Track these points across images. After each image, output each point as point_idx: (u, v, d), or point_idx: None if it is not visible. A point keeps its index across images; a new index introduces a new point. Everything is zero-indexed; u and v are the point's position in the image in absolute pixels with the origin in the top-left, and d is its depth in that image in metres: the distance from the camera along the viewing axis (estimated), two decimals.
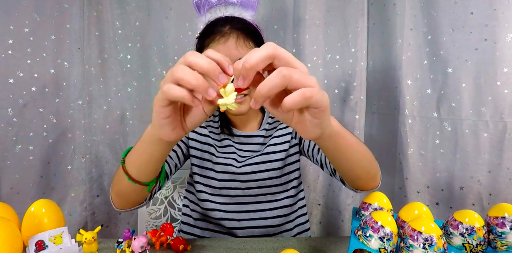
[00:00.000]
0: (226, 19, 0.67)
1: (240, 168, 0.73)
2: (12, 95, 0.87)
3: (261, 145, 0.77)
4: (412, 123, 0.91)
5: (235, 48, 0.65)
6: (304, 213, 0.82)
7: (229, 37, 0.65)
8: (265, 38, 0.72)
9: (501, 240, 0.43)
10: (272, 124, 0.80)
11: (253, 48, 0.64)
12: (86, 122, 1.03)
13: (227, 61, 0.36)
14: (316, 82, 0.32)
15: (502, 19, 0.75)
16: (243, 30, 0.66)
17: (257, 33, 0.70)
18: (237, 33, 0.65)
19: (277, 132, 0.78)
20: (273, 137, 0.77)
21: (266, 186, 0.74)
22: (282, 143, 0.76)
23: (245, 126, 0.80)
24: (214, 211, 0.75)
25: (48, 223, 0.52)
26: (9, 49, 0.86)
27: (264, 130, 0.79)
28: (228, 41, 0.65)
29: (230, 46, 0.65)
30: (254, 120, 0.81)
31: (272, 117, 0.83)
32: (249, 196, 0.75)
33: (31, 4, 0.89)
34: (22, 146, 0.90)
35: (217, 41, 0.66)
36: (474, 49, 0.79)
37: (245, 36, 0.66)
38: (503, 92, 0.77)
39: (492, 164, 0.80)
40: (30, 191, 0.91)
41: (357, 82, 1.01)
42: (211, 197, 0.76)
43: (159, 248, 0.56)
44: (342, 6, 1.01)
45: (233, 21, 0.67)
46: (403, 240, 0.42)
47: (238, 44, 0.65)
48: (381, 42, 0.97)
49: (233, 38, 0.65)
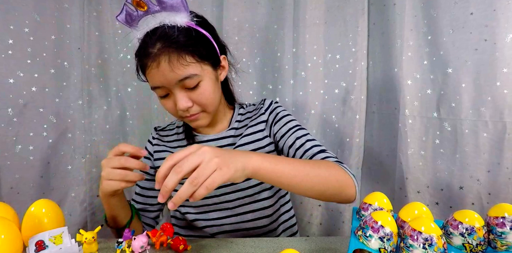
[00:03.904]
0: (154, 32, 0.61)
1: None
2: (12, 95, 0.87)
3: (230, 146, 0.74)
4: (412, 123, 0.91)
5: (170, 71, 0.60)
6: (287, 210, 0.80)
7: (160, 61, 0.60)
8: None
9: (501, 240, 0.43)
10: (242, 122, 0.78)
11: (193, 61, 0.61)
12: (86, 122, 1.03)
13: (136, 150, 0.58)
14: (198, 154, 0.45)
15: (502, 20, 0.75)
16: (173, 45, 0.59)
17: (195, 36, 0.62)
18: (168, 51, 0.59)
19: (247, 130, 0.75)
20: (243, 136, 0.74)
21: (242, 189, 0.72)
22: (253, 141, 0.73)
23: (214, 128, 0.78)
24: (196, 221, 0.75)
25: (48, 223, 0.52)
26: (9, 49, 0.86)
27: (233, 129, 0.76)
28: (160, 66, 0.60)
29: (163, 70, 0.60)
30: (224, 120, 0.79)
31: (243, 114, 0.80)
32: (226, 202, 0.73)
33: (31, 4, 0.89)
34: (22, 146, 0.89)
35: (150, 67, 0.61)
36: (474, 50, 0.79)
37: (178, 52, 0.60)
38: (502, 92, 0.77)
39: (491, 163, 0.80)
40: (30, 191, 0.91)
41: (358, 81, 1.01)
42: (190, 209, 0.75)
43: (159, 248, 0.56)
44: (342, 5, 1.01)
45: (163, 37, 0.60)
46: (403, 240, 0.42)
47: (172, 65, 0.59)
48: (381, 42, 0.98)
49: (165, 60, 0.59)
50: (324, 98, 1.06)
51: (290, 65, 1.04)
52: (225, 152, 0.47)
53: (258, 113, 0.78)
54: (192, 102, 0.65)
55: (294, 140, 0.69)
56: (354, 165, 1.04)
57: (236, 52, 1.06)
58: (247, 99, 1.05)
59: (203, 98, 0.65)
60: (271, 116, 0.76)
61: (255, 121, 0.77)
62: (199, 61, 0.62)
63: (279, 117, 0.75)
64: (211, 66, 0.66)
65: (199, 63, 0.63)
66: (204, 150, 0.45)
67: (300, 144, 0.68)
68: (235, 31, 1.05)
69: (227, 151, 0.48)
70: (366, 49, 1.00)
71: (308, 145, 0.67)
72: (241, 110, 0.82)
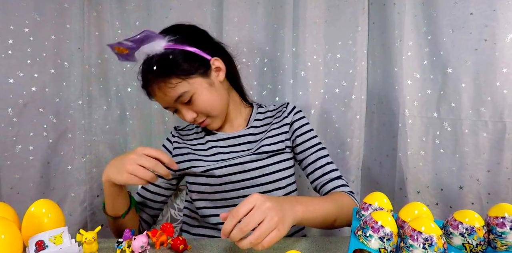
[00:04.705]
0: (143, 68, 0.71)
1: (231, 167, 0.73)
2: (12, 95, 0.87)
3: (251, 144, 0.78)
4: (412, 123, 0.91)
5: (164, 96, 0.70)
6: None
7: (154, 90, 0.71)
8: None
9: (501, 240, 0.43)
10: (263, 120, 0.82)
11: (178, 81, 0.68)
12: (86, 122, 1.03)
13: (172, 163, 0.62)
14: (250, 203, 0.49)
15: (502, 20, 0.75)
16: (158, 75, 0.68)
17: (175, 58, 0.68)
18: (157, 82, 0.69)
19: (271, 132, 0.79)
20: (267, 137, 0.77)
21: (261, 184, 0.74)
22: (276, 143, 0.77)
23: (232, 125, 0.82)
24: (210, 217, 0.75)
25: (48, 223, 0.52)
26: (9, 49, 0.86)
27: (253, 127, 0.80)
28: (156, 94, 0.72)
29: (159, 96, 0.71)
30: (239, 117, 0.83)
31: (263, 113, 0.84)
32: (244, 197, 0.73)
33: (31, 4, 0.89)
34: (22, 146, 0.89)
35: (151, 95, 0.74)
36: (473, 50, 0.79)
37: (163, 79, 0.68)
38: (502, 92, 0.77)
39: (491, 163, 0.80)
40: (30, 191, 0.91)
41: (358, 81, 1.01)
42: (206, 203, 0.76)
43: (159, 248, 0.56)
44: (342, 4, 1.01)
45: (147, 71, 0.69)
46: (403, 240, 0.42)
47: (163, 91, 0.69)
48: (381, 42, 0.97)
49: (157, 90, 0.70)
50: (324, 97, 1.06)
51: (290, 65, 1.04)
52: (280, 206, 0.50)
53: (282, 116, 0.82)
54: (196, 112, 0.73)
55: (315, 160, 0.77)
56: (354, 165, 1.04)
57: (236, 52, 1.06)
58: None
59: (202, 108, 0.72)
60: (296, 123, 0.81)
61: (278, 124, 0.80)
62: (184, 78, 0.69)
63: (304, 130, 0.80)
64: (199, 76, 0.71)
65: (185, 80, 0.69)
66: (268, 207, 0.48)
67: (320, 165, 0.76)
68: (235, 31, 1.05)
69: (279, 203, 0.51)
70: (366, 48, 1.00)
71: (327, 169, 0.76)
72: (261, 109, 0.86)
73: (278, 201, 0.52)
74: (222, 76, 0.75)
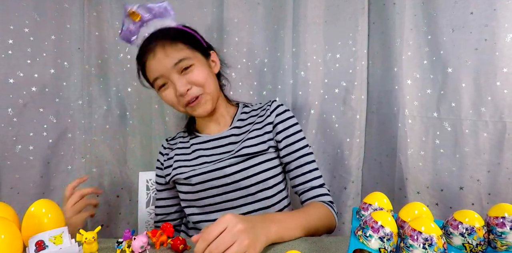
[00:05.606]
0: (150, 35, 0.73)
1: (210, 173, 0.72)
2: (12, 95, 0.87)
3: (233, 145, 0.76)
4: (412, 123, 0.91)
5: (165, 57, 0.69)
6: (286, 205, 0.79)
7: (156, 50, 0.70)
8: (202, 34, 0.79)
9: (501, 240, 0.43)
10: (246, 120, 0.80)
11: (183, 47, 0.71)
12: (86, 122, 1.03)
13: (96, 190, 0.78)
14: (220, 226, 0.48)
15: (502, 20, 0.75)
16: (166, 36, 0.71)
17: (184, 32, 0.75)
18: (162, 42, 0.70)
19: (252, 133, 0.76)
20: (248, 138, 0.75)
21: (243, 187, 0.72)
22: (256, 144, 0.74)
23: (218, 124, 0.81)
24: (200, 223, 0.75)
25: (48, 223, 0.52)
26: (9, 49, 0.86)
27: (235, 128, 0.79)
28: (156, 54, 0.70)
29: (159, 57, 0.70)
30: (226, 116, 0.82)
31: (247, 113, 0.83)
32: (229, 201, 0.73)
33: (31, 4, 0.89)
34: (22, 146, 0.90)
35: (148, 59, 0.71)
36: (474, 49, 0.79)
37: (170, 41, 0.70)
38: (502, 92, 0.77)
39: (491, 163, 0.80)
40: (30, 191, 0.91)
41: (358, 81, 1.01)
42: (194, 210, 0.76)
43: (159, 248, 0.56)
44: (342, 4, 1.01)
45: (156, 34, 0.72)
46: (403, 240, 0.42)
47: (166, 51, 0.69)
48: (381, 42, 0.97)
49: (160, 49, 0.70)
50: (324, 97, 1.06)
51: (289, 65, 1.04)
52: (252, 228, 0.50)
53: (265, 115, 0.79)
54: (190, 84, 0.71)
55: (299, 166, 0.75)
56: (354, 165, 1.04)
57: (236, 52, 1.06)
58: (247, 99, 1.05)
59: (199, 78, 0.71)
60: (280, 125, 0.77)
61: (261, 124, 0.78)
62: (190, 48, 0.72)
63: (290, 132, 0.77)
64: (201, 54, 0.75)
65: (190, 49, 0.72)
66: (240, 230, 0.48)
67: (303, 172, 0.75)
68: (235, 32, 1.05)
69: (252, 225, 0.51)
70: (366, 48, 1.00)
71: (310, 176, 0.75)
72: (246, 108, 0.85)
73: (251, 222, 0.51)
74: (216, 69, 0.80)
